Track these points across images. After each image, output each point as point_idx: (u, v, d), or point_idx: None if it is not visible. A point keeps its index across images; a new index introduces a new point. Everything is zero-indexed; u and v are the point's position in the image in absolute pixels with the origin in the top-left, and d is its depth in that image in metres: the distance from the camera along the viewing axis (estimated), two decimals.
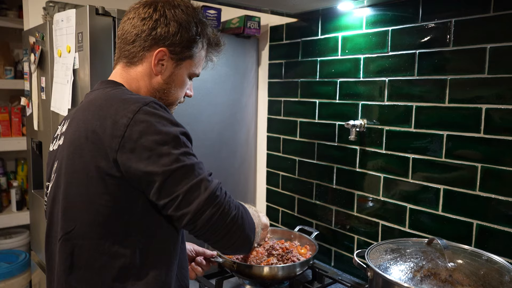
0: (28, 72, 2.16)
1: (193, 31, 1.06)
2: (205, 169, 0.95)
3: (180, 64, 1.08)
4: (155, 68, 1.06)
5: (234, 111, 2.02)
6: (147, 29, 1.03)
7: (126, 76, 1.08)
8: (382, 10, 1.52)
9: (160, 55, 1.05)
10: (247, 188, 2.13)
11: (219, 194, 0.92)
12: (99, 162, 0.92)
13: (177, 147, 0.91)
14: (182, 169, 0.90)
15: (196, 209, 0.89)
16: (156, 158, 0.89)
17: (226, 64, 1.95)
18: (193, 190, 0.89)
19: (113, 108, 0.93)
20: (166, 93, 1.10)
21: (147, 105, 0.93)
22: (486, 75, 1.25)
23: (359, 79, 1.61)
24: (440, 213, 1.39)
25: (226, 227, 0.93)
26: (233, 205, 0.95)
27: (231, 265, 1.44)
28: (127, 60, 1.07)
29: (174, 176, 0.89)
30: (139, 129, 0.89)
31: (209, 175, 0.94)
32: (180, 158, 0.90)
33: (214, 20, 1.86)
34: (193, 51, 1.08)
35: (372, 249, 1.24)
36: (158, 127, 0.91)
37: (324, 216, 1.80)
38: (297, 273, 1.47)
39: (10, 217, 3.02)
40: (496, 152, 1.24)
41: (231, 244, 0.95)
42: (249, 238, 0.99)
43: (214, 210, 0.90)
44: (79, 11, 1.59)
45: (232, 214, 0.93)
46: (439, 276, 1.05)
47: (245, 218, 0.98)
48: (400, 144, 1.49)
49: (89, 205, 0.94)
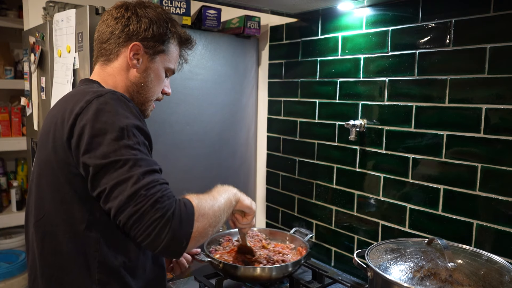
0: (28, 72, 2.16)
1: (163, 27, 1.12)
2: (146, 165, 0.91)
3: (155, 58, 1.13)
4: (131, 62, 1.10)
5: (234, 111, 2.02)
6: (121, 26, 1.09)
7: (103, 74, 1.13)
8: (382, 10, 1.52)
9: (135, 49, 1.09)
10: (247, 188, 2.13)
11: (144, 193, 0.87)
12: (58, 152, 0.96)
13: (119, 138, 0.91)
14: (116, 163, 0.89)
15: (118, 206, 0.88)
16: (96, 147, 0.90)
17: (226, 64, 1.95)
18: (119, 186, 0.88)
19: (74, 101, 0.98)
20: (144, 87, 1.13)
21: (102, 96, 0.95)
22: (486, 75, 1.25)
23: (359, 79, 1.61)
24: (440, 213, 1.39)
25: (149, 227, 0.87)
26: (162, 205, 0.88)
27: (217, 265, 1.42)
28: (104, 58, 1.13)
29: (106, 169, 0.89)
30: (86, 118, 0.92)
31: (145, 173, 0.90)
32: (118, 150, 0.90)
33: (214, 20, 1.86)
34: (165, 45, 1.14)
35: (372, 249, 1.24)
36: (105, 117, 0.92)
37: (324, 216, 1.80)
38: (285, 274, 1.43)
39: (10, 217, 3.02)
40: (496, 152, 1.24)
41: (157, 245, 0.88)
42: (178, 243, 0.91)
43: (134, 210, 0.87)
44: (79, 11, 1.59)
45: (156, 216, 0.87)
46: (439, 276, 1.05)
47: (176, 222, 0.89)
48: (400, 144, 1.49)
49: (54, 194, 0.99)
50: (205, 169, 1.93)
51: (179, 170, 1.84)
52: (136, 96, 1.13)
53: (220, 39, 1.92)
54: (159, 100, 1.21)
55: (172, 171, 1.82)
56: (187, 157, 1.86)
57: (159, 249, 0.89)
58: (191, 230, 0.93)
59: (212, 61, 1.89)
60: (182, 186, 1.86)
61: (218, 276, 1.54)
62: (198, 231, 0.94)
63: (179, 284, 1.57)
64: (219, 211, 1.04)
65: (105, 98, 0.95)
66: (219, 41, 1.91)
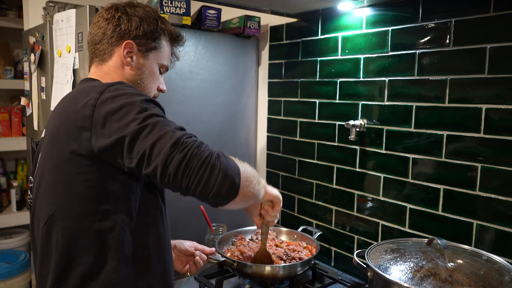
0: (28, 72, 2.16)
1: (154, 24, 1.14)
2: (174, 125, 0.95)
3: (148, 55, 1.15)
4: (125, 60, 1.12)
5: (234, 111, 2.02)
6: (112, 27, 1.12)
7: (100, 73, 1.15)
8: (382, 10, 1.52)
9: (128, 47, 1.12)
10: None
11: (185, 140, 0.90)
12: (71, 144, 0.97)
13: (141, 111, 0.93)
14: (147, 127, 0.91)
15: (164, 158, 0.88)
16: (124, 127, 0.92)
17: (226, 64, 1.95)
18: (158, 142, 0.89)
19: (84, 94, 1.00)
20: (140, 84, 1.16)
21: (112, 86, 0.98)
22: (486, 75, 1.25)
23: (359, 79, 1.61)
24: (440, 213, 1.39)
25: (200, 168, 0.88)
26: (205, 148, 0.92)
27: (231, 264, 1.44)
28: (99, 59, 1.15)
29: (139, 135, 0.91)
30: (105, 106, 0.94)
31: (177, 128, 0.93)
32: (145, 119, 0.92)
33: (214, 20, 1.86)
34: (157, 42, 1.16)
35: (372, 249, 1.24)
36: (123, 99, 0.94)
37: (324, 216, 1.80)
38: (297, 272, 1.47)
39: (10, 217, 3.02)
40: (496, 152, 1.24)
41: (211, 188, 0.89)
42: (232, 180, 0.92)
43: (182, 155, 0.88)
44: (79, 11, 1.59)
45: (205, 155, 0.89)
46: (439, 276, 1.05)
47: (224, 161, 0.93)
48: (400, 144, 1.49)
49: (66, 188, 0.99)
50: None
51: None
52: None
53: (220, 39, 1.92)
54: (155, 97, 1.21)
55: None
56: None
57: (213, 192, 0.90)
58: (239, 170, 0.95)
59: (212, 61, 1.89)
60: None
61: (218, 276, 1.55)
62: (244, 174, 0.96)
63: (179, 284, 1.57)
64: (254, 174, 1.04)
65: (116, 86, 0.99)
66: (219, 41, 1.91)
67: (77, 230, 0.99)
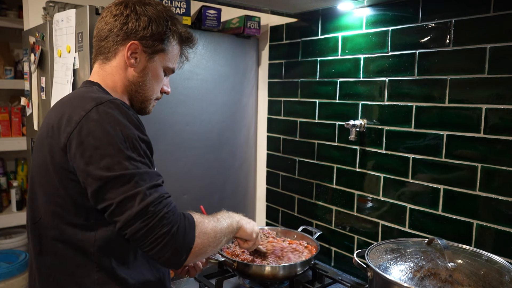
0: (28, 72, 2.16)
1: (163, 25, 1.09)
2: (150, 179, 0.93)
3: (153, 58, 1.11)
4: (128, 61, 1.08)
5: (234, 111, 2.02)
6: (119, 24, 1.07)
7: (102, 73, 1.11)
8: (382, 10, 1.52)
9: (133, 48, 1.07)
10: (247, 188, 2.14)
11: (152, 209, 0.90)
12: (54, 155, 0.96)
13: (122, 150, 0.91)
14: (121, 177, 0.90)
15: (126, 220, 0.89)
16: (98, 158, 0.90)
17: (226, 64, 1.95)
18: (126, 201, 0.89)
19: (72, 105, 0.98)
20: (142, 87, 1.12)
21: (102, 104, 0.95)
22: (486, 75, 1.25)
23: (359, 79, 1.61)
24: (440, 213, 1.39)
25: (155, 241, 0.90)
26: (167, 221, 0.91)
27: (231, 264, 1.44)
28: (103, 57, 1.11)
29: (111, 183, 0.90)
30: (88, 127, 0.92)
31: (151, 188, 0.92)
32: (122, 163, 0.90)
33: (214, 20, 1.86)
34: (165, 44, 1.11)
35: (372, 249, 1.24)
36: (107, 128, 0.92)
37: (324, 216, 1.80)
38: (297, 272, 1.47)
39: (10, 217, 3.02)
40: (496, 152, 1.24)
41: (158, 257, 0.92)
42: (179, 257, 0.95)
43: (143, 225, 0.89)
44: (79, 11, 1.59)
45: (162, 231, 0.90)
46: (439, 276, 1.05)
47: (180, 237, 0.93)
48: (400, 144, 1.49)
49: (49, 197, 0.99)
50: (205, 169, 1.93)
51: (179, 170, 1.84)
52: (135, 96, 1.13)
53: (220, 39, 1.92)
54: (158, 99, 1.20)
55: (172, 171, 1.82)
56: (187, 157, 1.86)
57: (162, 260, 0.93)
58: (192, 246, 0.96)
59: (212, 61, 1.89)
60: (182, 186, 1.86)
61: (218, 276, 1.55)
62: (198, 247, 0.98)
63: (179, 284, 1.57)
64: (220, 233, 1.07)
65: (105, 107, 0.94)
66: (219, 41, 1.91)
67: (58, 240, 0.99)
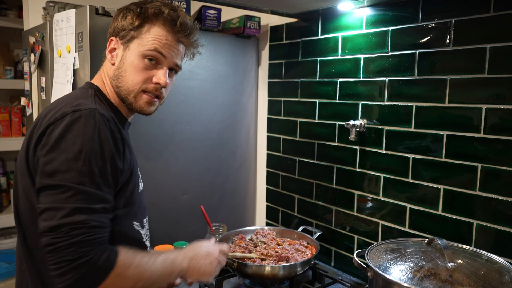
0: (28, 72, 2.16)
1: (133, 14, 1.08)
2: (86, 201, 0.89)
3: (128, 46, 1.09)
4: (109, 57, 1.12)
5: (234, 111, 2.02)
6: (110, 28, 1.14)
7: (100, 74, 1.15)
8: (382, 10, 1.52)
9: (111, 44, 1.11)
10: (247, 188, 2.14)
11: (65, 230, 0.85)
12: (30, 158, 0.96)
13: (73, 160, 0.89)
14: (57, 187, 0.88)
15: (43, 230, 0.87)
16: (48, 161, 0.90)
17: (226, 64, 1.95)
18: (50, 212, 0.87)
19: (56, 109, 0.98)
20: (120, 79, 1.09)
21: (79, 111, 0.94)
22: (486, 75, 1.25)
23: (359, 79, 1.61)
24: (440, 213, 1.39)
25: (56, 264, 0.85)
26: (78, 250, 0.85)
27: (231, 264, 1.44)
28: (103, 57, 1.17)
29: (47, 189, 0.89)
30: (55, 130, 0.92)
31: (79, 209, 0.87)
32: (66, 173, 0.89)
33: (214, 20, 1.86)
34: (137, 30, 1.08)
35: (372, 249, 1.24)
36: (70, 135, 0.91)
37: (324, 216, 1.80)
38: (297, 272, 1.47)
39: (10, 217, 3.02)
40: (496, 152, 1.24)
41: (55, 283, 0.86)
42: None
43: (52, 242, 0.85)
44: (79, 11, 1.59)
45: (67, 258, 0.84)
46: (439, 276, 1.05)
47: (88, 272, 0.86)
48: (400, 144, 1.49)
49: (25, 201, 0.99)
50: (205, 169, 1.93)
51: (179, 170, 1.84)
52: (118, 91, 1.11)
53: (220, 39, 1.92)
54: (149, 90, 1.10)
55: (172, 171, 1.82)
56: (187, 157, 1.86)
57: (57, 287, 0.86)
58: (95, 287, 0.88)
59: (212, 61, 1.89)
60: (182, 186, 1.86)
61: (218, 276, 1.54)
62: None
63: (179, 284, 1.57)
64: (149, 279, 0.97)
65: (80, 114, 0.93)
66: (219, 41, 1.91)
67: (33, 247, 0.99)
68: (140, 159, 1.72)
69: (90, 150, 0.91)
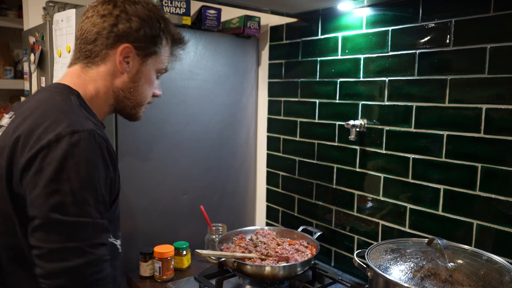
0: (28, 72, 2.16)
1: (156, 27, 1.03)
2: (94, 235, 0.84)
3: (146, 61, 1.04)
4: (120, 66, 1.01)
5: (234, 111, 2.02)
6: (108, 26, 0.99)
7: (84, 78, 1.02)
8: (382, 10, 1.52)
9: (125, 52, 1.01)
10: (247, 188, 2.14)
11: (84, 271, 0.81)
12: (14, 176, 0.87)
13: (79, 191, 0.83)
14: (64, 224, 0.81)
15: (52, 271, 0.80)
16: (49, 193, 0.82)
17: (226, 64, 1.95)
18: (61, 252, 0.81)
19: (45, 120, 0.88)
20: (133, 92, 1.05)
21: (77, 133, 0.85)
22: (486, 75, 1.25)
23: (359, 79, 1.61)
24: (440, 213, 1.39)
25: None
26: None
27: (232, 264, 1.44)
28: (87, 61, 1.02)
29: (51, 226, 0.81)
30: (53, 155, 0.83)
31: (92, 246, 0.83)
32: (72, 207, 0.82)
33: (214, 20, 1.86)
34: (158, 46, 1.05)
35: (372, 249, 1.24)
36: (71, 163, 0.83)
37: (324, 216, 1.80)
38: (297, 272, 1.47)
39: None
40: (496, 152, 1.24)
41: None
42: None
43: (67, 284, 0.81)
44: (79, 11, 1.59)
45: None
46: (439, 276, 1.05)
47: None
48: (400, 144, 1.49)
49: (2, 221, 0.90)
50: (205, 169, 1.93)
51: (179, 170, 1.84)
52: (124, 102, 1.06)
53: (220, 39, 1.92)
54: (150, 103, 1.14)
55: (172, 171, 1.82)
56: (187, 157, 1.86)
57: None
58: None
59: (212, 61, 1.89)
60: (182, 186, 1.86)
61: (218, 276, 1.55)
62: None
63: (179, 284, 1.57)
64: None
65: (79, 138, 0.85)
66: (219, 41, 1.91)
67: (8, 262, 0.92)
68: (140, 159, 1.72)
69: (94, 177, 0.85)
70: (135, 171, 1.70)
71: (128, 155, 1.68)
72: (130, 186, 1.68)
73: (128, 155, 1.68)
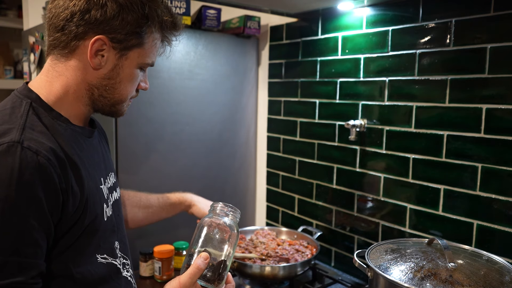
0: (28, 72, 2.16)
1: (138, 12, 0.84)
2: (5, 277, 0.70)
3: (125, 54, 0.87)
4: (92, 61, 0.85)
5: (234, 111, 2.02)
6: (78, 12, 0.81)
7: (52, 75, 0.88)
8: (382, 10, 1.52)
9: (98, 45, 0.84)
10: (247, 188, 2.13)
11: None
12: None
13: None
14: None
15: None
16: None
17: (226, 64, 1.95)
18: None
19: None
20: (109, 90, 0.89)
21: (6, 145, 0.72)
22: (486, 75, 1.25)
23: (359, 79, 1.61)
24: (440, 213, 1.39)
25: None
26: None
27: (232, 264, 1.44)
28: (56, 52, 0.87)
29: None
30: None
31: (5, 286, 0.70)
32: None
33: (214, 20, 1.86)
34: (141, 37, 0.87)
35: (372, 249, 1.24)
36: None
37: (324, 216, 1.80)
38: (297, 273, 1.47)
39: None
40: (496, 152, 1.24)
41: None
42: None
43: None
44: None
45: None
46: (440, 276, 1.05)
47: None
48: (400, 144, 1.49)
49: None
50: (205, 169, 1.93)
51: (179, 170, 1.84)
52: (101, 101, 0.91)
53: (220, 39, 1.92)
54: (133, 97, 0.97)
55: (172, 171, 1.82)
56: (187, 157, 1.86)
57: None
58: None
59: (212, 61, 1.89)
60: (182, 186, 1.86)
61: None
62: None
63: None
64: None
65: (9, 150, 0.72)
66: (219, 41, 1.91)
67: None
68: (140, 159, 1.72)
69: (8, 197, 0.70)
70: (135, 171, 1.70)
71: (128, 155, 1.68)
72: (130, 186, 1.68)
73: (128, 155, 1.68)
